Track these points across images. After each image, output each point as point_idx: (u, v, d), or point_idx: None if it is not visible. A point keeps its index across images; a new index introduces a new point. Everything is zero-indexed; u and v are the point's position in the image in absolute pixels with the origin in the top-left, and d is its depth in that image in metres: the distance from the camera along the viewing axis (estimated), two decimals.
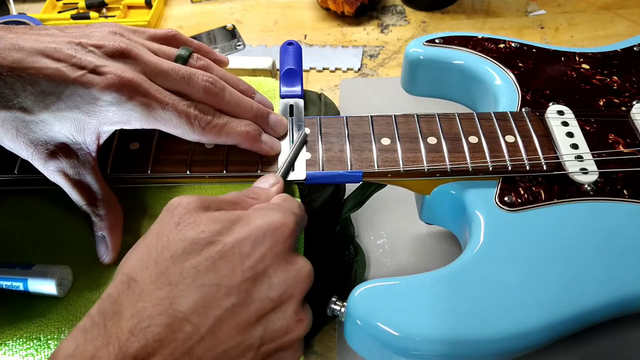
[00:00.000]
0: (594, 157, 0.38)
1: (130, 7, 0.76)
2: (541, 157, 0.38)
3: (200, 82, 0.34)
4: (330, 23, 0.72)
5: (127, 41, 0.33)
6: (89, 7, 0.74)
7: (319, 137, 0.38)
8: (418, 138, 0.38)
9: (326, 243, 0.43)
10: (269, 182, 0.34)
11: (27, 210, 0.36)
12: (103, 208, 0.34)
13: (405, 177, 0.37)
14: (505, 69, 0.44)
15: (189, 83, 0.34)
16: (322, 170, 0.36)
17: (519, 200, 0.36)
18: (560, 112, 0.41)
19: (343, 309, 0.34)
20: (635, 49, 0.47)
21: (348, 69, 0.66)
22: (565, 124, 0.40)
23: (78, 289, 0.34)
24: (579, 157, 0.38)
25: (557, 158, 0.38)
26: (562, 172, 0.38)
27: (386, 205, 0.50)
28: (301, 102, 0.41)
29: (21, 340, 0.32)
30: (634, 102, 0.42)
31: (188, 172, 0.36)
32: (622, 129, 0.41)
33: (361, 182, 0.38)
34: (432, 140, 0.38)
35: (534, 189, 0.37)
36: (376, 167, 0.37)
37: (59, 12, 0.76)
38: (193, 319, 0.24)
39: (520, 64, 0.45)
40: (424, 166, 0.37)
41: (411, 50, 0.46)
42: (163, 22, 0.75)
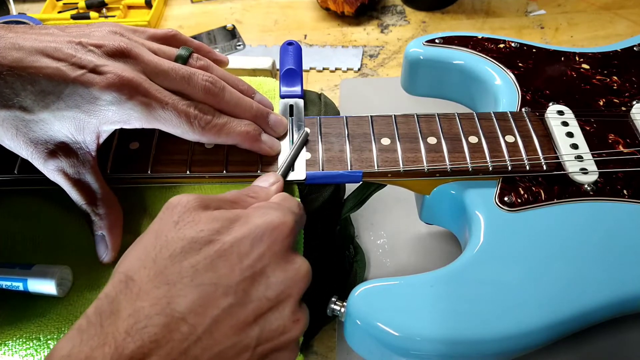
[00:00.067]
0: (594, 157, 0.38)
1: (130, 7, 0.76)
2: (541, 157, 0.38)
3: (200, 82, 0.34)
4: (330, 23, 0.72)
5: (127, 41, 0.33)
6: (89, 7, 0.74)
7: (319, 137, 0.38)
8: (418, 138, 0.38)
9: (326, 243, 0.43)
10: (268, 180, 0.34)
11: (27, 210, 0.36)
12: (103, 207, 0.34)
13: (405, 177, 0.37)
14: (505, 69, 0.44)
15: (188, 83, 0.34)
16: (322, 170, 0.36)
17: (519, 200, 0.36)
18: (560, 112, 0.41)
19: (343, 309, 0.34)
20: (635, 49, 0.47)
21: (348, 69, 0.66)
22: (565, 124, 0.40)
23: (78, 289, 0.34)
24: (579, 157, 0.38)
25: (557, 158, 0.38)
26: (562, 172, 0.38)
27: (386, 205, 0.50)
28: (301, 102, 0.41)
29: (21, 340, 0.32)
30: (634, 102, 0.42)
31: (188, 172, 0.36)
32: (622, 129, 0.41)
33: (361, 182, 0.38)
34: (432, 140, 0.38)
35: (533, 189, 0.37)
36: (376, 167, 0.37)
37: (59, 12, 0.76)
38: (190, 318, 0.24)
39: (520, 64, 0.45)
40: (424, 166, 0.37)
41: (411, 50, 0.46)
42: (163, 22, 0.75)
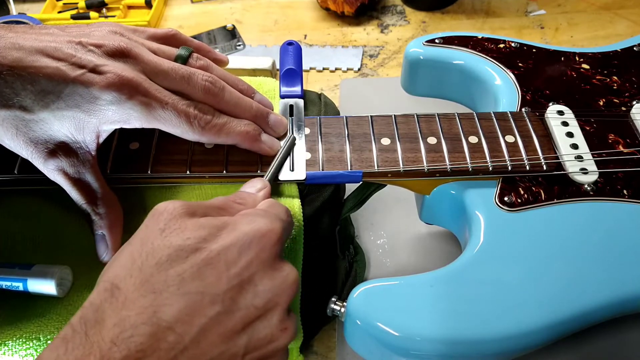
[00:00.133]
0: (593, 157, 0.38)
1: (130, 7, 0.76)
2: (541, 157, 0.38)
3: (200, 82, 0.34)
4: (330, 23, 0.72)
5: (127, 40, 0.33)
6: (89, 7, 0.74)
7: (319, 137, 0.38)
8: (418, 138, 0.38)
9: (326, 243, 0.43)
10: (255, 186, 0.34)
11: (27, 210, 0.36)
12: (103, 207, 0.34)
13: (405, 177, 0.37)
14: (505, 69, 0.44)
15: (188, 83, 0.34)
16: (322, 170, 0.36)
17: (519, 200, 0.36)
18: (560, 112, 0.41)
19: (343, 309, 0.34)
20: (635, 49, 0.47)
21: (348, 69, 0.66)
22: (565, 124, 0.40)
23: (78, 289, 0.34)
24: (579, 157, 0.38)
25: (557, 158, 0.38)
26: (562, 172, 0.38)
27: (386, 205, 0.50)
28: (301, 102, 0.41)
29: (21, 340, 0.32)
30: (634, 102, 0.42)
31: (188, 172, 0.36)
32: (622, 129, 0.41)
33: (361, 182, 0.38)
34: (432, 140, 0.38)
35: (533, 189, 0.37)
36: (376, 167, 0.37)
37: (59, 12, 0.76)
38: (177, 328, 0.24)
39: (520, 64, 0.45)
40: (424, 166, 0.37)
41: (411, 50, 0.46)
42: (163, 22, 0.75)
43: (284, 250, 0.34)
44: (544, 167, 0.37)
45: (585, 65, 0.45)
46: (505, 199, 0.36)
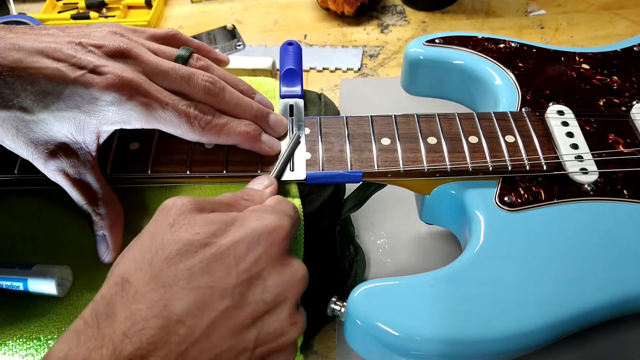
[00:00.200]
0: (594, 157, 0.38)
1: (130, 7, 0.76)
2: (541, 157, 0.38)
3: (200, 82, 0.34)
4: (330, 23, 0.72)
5: (127, 41, 0.33)
6: (89, 7, 0.74)
7: (319, 137, 0.38)
8: (418, 138, 0.38)
9: (326, 243, 0.43)
10: (262, 183, 0.34)
11: (27, 210, 0.36)
12: (103, 207, 0.34)
13: (405, 177, 0.37)
14: (505, 69, 0.44)
15: (189, 83, 0.34)
16: (322, 170, 0.36)
17: (519, 200, 0.36)
18: (560, 112, 0.41)
19: (343, 309, 0.34)
20: (635, 49, 0.47)
21: (348, 69, 0.66)
22: (565, 124, 0.40)
23: (78, 289, 0.34)
24: (579, 157, 0.38)
25: (557, 158, 0.38)
26: (562, 172, 0.38)
27: (386, 205, 0.50)
28: (301, 102, 0.41)
29: (21, 340, 0.32)
30: (634, 102, 0.42)
31: (188, 172, 0.36)
32: (622, 129, 0.41)
33: (361, 182, 0.38)
34: (432, 140, 0.38)
35: (534, 189, 0.37)
36: (376, 167, 0.37)
37: (59, 12, 0.76)
38: (187, 321, 0.24)
39: (520, 64, 0.45)
40: (424, 166, 0.37)
41: (411, 50, 0.46)
42: (163, 22, 0.75)
43: (297, 244, 0.34)
44: (544, 167, 0.37)
45: (585, 65, 0.45)
46: (506, 199, 0.36)
